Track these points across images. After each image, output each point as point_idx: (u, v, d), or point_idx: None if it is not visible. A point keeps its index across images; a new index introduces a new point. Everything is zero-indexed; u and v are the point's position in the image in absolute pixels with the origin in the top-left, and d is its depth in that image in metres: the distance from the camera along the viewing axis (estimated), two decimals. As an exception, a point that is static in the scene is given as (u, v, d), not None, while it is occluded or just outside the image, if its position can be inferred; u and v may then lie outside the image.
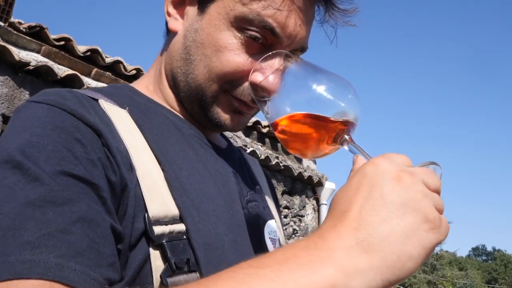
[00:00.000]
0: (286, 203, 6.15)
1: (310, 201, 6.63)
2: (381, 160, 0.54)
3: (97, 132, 0.61)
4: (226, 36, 0.73)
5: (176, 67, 0.78)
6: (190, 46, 0.75)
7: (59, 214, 0.50)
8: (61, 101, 0.62)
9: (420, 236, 0.49)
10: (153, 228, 0.60)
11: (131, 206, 0.59)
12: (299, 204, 6.43)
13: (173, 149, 0.71)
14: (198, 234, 0.64)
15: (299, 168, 6.25)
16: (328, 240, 0.49)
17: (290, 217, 6.22)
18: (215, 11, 0.74)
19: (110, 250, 0.53)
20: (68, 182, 0.54)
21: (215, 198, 0.71)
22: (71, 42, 3.72)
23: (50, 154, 0.55)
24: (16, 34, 3.41)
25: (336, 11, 0.77)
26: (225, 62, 0.73)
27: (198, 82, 0.75)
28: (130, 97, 0.76)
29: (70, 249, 0.49)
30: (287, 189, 6.23)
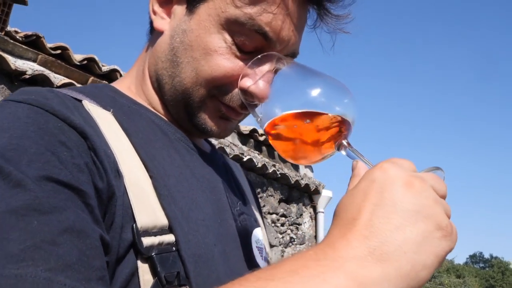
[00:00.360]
0: (283, 211, 6.14)
1: (307, 209, 6.62)
2: (389, 165, 0.51)
3: (83, 134, 0.56)
4: (216, 39, 0.70)
5: (161, 69, 0.74)
6: (178, 48, 0.72)
7: (45, 223, 0.46)
8: (42, 100, 0.57)
9: (433, 244, 0.48)
10: (142, 239, 0.56)
11: (118, 215, 0.56)
12: (296, 212, 6.41)
13: (160, 154, 0.67)
14: (188, 246, 0.60)
15: (296, 176, 6.25)
16: (338, 250, 0.47)
17: (287, 225, 6.21)
18: (205, 12, 0.71)
19: (100, 262, 0.49)
20: (53, 188, 0.49)
21: (204, 207, 0.68)
22: (68, 50, 3.72)
23: (32, 158, 0.50)
24: (13, 43, 3.41)
25: (329, 16, 0.74)
26: (215, 66, 0.70)
27: (185, 86, 0.72)
28: (112, 98, 0.72)
29: (59, 262, 0.45)
30: (284, 197, 6.22)
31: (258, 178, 5.76)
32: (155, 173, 0.62)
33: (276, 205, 6.07)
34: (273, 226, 5.94)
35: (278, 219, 6.07)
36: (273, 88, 0.69)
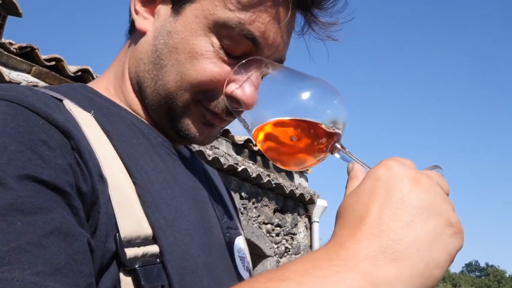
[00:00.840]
0: (278, 221, 6.13)
1: (302, 219, 6.62)
2: (393, 163, 0.50)
3: (66, 134, 0.52)
4: (203, 42, 0.67)
5: (143, 71, 0.70)
6: (162, 50, 0.69)
7: (29, 224, 0.43)
8: (21, 97, 0.53)
9: (445, 242, 0.46)
10: (125, 250, 0.52)
11: (102, 223, 0.52)
12: (291, 222, 6.41)
13: (143, 159, 0.63)
14: (173, 257, 0.57)
15: (290, 186, 6.25)
16: (350, 249, 0.45)
17: (282, 235, 6.20)
18: (192, 13, 0.67)
19: (88, 269, 0.46)
20: (35, 188, 0.45)
21: (187, 215, 0.65)
22: (62, 62, 3.73)
23: (12, 156, 0.46)
24: (7, 55, 3.42)
25: (317, 24, 0.73)
26: (200, 71, 0.67)
27: (169, 90, 0.68)
28: (90, 98, 0.67)
29: (47, 266, 0.42)
30: (278, 207, 6.21)
31: (253, 188, 5.76)
32: (139, 179, 0.59)
33: (271, 215, 6.06)
34: (268, 236, 5.93)
35: (273, 229, 6.06)
36: (261, 93, 0.67)
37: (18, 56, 3.51)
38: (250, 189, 5.70)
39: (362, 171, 0.56)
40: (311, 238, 6.65)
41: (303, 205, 6.67)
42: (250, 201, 5.71)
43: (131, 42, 0.75)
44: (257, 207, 5.82)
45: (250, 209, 5.69)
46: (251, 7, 0.66)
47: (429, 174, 0.50)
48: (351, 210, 0.49)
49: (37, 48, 3.64)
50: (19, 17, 3.73)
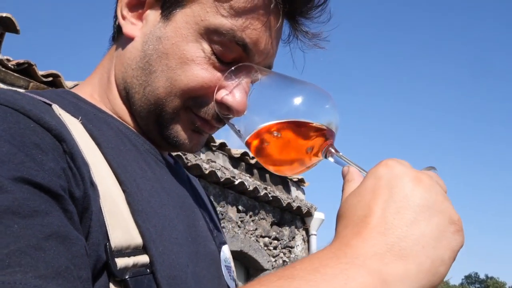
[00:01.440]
0: (275, 234, 6.12)
1: (299, 232, 6.61)
2: (393, 162, 0.51)
3: (58, 137, 0.51)
4: (194, 48, 0.66)
5: (131, 77, 0.69)
6: (151, 55, 0.68)
7: (27, 227, 0.42)
8: (11, 100, 0.51)
9: (448, 239, 0.47)
10: (116, 260, 0.51)
11: (95, 231, 0.51)
12: (289, 235, 6.40)
13: (131, 166, 0.62)
14: (163, 267, 0.56)
15: (287, 199, 6.25)
16: (356, 248, 0.45)
17: (280, 248, 6.18)
18: (182, 19, 0.67)
19: (86, 273, 0.45)
20: (29, 190, 0.44)
21: (176, 224, 0.64)
22: (59, 78, 3.76)
23: (4, 158, 0.45)
24: (4, 71, 3.45)
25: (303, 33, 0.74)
26: (191, 76, 0.66)
27: (158, 96, 0.67)
28: (76, 104, 0.66)
29: (48, 269, 0.41)
30: (276, 220, 6.21)
31: (250, 201, 5.76)
32: (128, 187, 0.58)
33: (268, 228, 6.06)
34: (265, 249, 5.92)
35: (271, 242, 6.05)
36: (253, 99, 0.67)
37: (15, 72, 3.54)
38: (247, 202, 5.71)
39: (358, 174, 0.56)
40: (309, 251, 6.63)
41: (301, 218, 6.66)
42: (247, 214, 5.71)
43: (116, 47, 0.73)
44: (254, 220, 5.82)
45: (247, 222, 5.69)
46: (243, 13, 0.66)
47: (429, 174, 0.51)
48: (353, 210, 0.49)
49: (34, 64, 3.68)
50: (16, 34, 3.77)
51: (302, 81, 0.67)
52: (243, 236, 5.54)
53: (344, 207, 0.51)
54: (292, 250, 6.37)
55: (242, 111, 0.66)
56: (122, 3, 0.71)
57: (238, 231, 5.49)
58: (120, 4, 0.71)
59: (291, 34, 0.75)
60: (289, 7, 0.69)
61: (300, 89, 0.65)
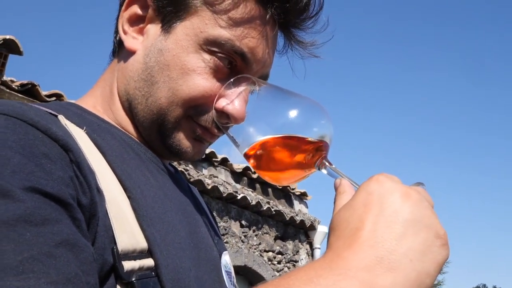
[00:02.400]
0: (279, 249, 6.11)
1: (303, 246, 6.59)
2: (384, 178, 0.53)
3: (65, 147, 0.53)
4: (194, 58, 0.69)
5: (133, 88, 0.72)
6: (153, 67, 0.71)
7: (39, 235, 0.44)
8: (19, 111, 0.53)
9: (434, 253, 0.50)
10: (122, 263, 0.54)
11: (101, 235, 0.53)
12: (293, 249, 6.38)
13: (135, 173, 0.65)
14: (167, 270, 0.59)
15: (290, 213, 6.25)
16: (348, 260, 0.48)
17: (284, 262, 6.16)
18: (183, 31, 0.70)
19: (93, 279, 0.48)
20: (40, 200, 0.47)
21: (179, 229, 0.67)
22: (62, 97, 3.82)
23: (15, 169, 0.47)
24: (9, 92, 3.51)
25: (297, 43, 0.77)
26: (192, 86, 0.69)
27: (161, 106, 0.70)
28: (80, 115, 0.68)
29: (59, 276, 0.43)
30: (279, 234, 6.20)
31: (253, 215, 5.77)
32: (133, 193, 0.61)
33: (272, 242, 6.05)
34: (269, 264, 5.90)
35: (275, 257, 6.04)
36: (251, 111, 0.70)
37: (19, 93, 3.60)
38: (250, 217, 5.71)
39: (349, 186, 0.59)
40: (313, 264, 6.61)
41: (304, 232, 6.65)
42: (251, 229, 5.71)
43: (118, 61, 0.76)
44: (257, 235, 5.81)
45: (250, 237, 5.69)
46: (241, 24, 0.69)
47: (417, 189, 0.53)
48: (345, 222, 0.52)
49: (37, 85, 3.74)
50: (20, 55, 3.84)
51: (298, 95, 0.70)
52: (247, 251, 5.54)
53: (336, 219, 0.54)
54: (296, 264, 6.35)
55: (241, 119, 0.69)
56: (123, 19, 0.74)
57: (242, 246, 5.49)
58: (121, 20, 0.74)
59: (286, 45, 0.78)
60: (284, 18, 0.72)
61: (296, 102, 0.68)
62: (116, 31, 0.77)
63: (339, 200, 0.57)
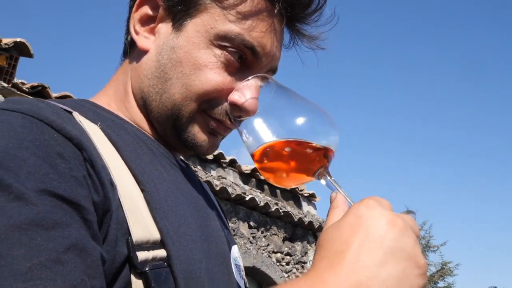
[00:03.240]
0: (287, 250, 6.11)
1: (312, 247, 6.58)
2: (374, 203, 0.55)
3: (79, 145, 0.55)
4: (206, 54, 0.72)
5: (147, 86, 0.74)
6: (166, 65, 0.73)
7: (49, 240, 0.46)
8: (36, 110, 0.56)
9: (411, 281, 0.52)
10: (137, 253, 0.56)
11: (113, 228, 0.55)
12: (301, 251, 6.38)
13: (148, 168, 0.67)
14: (179, 261, 0.61)
15: (299, 214, 6.25)
16: (328, 282, 0.50)
17: (292, 263, 6.16)
18: (193, 28, 0.72)
19: (99, 282, 0.50)
20: (52, 202, 0.49)
21: (190, 222, 0.69)
22: (72, 99, 3.85)
23: (31, 170, 0.49)
24: (19, 94, 3.55)
25: (302, 37, 0.79)
26: (205, 81, 0.71)
27: (175, 101, 0.73)
28: (95, 111, 0.70)
29: (65, 283, 0.45)
30: (288, 236, 6.20)
31: (261, 217, 5.77)
32: (147, 186, 0.63)
33: (280, 243, 6.05)
34: (278, 265, 5.90)
35: (283, 258, 6.04)
36: (263, 112, 0.71)
37: (30, 95, 3.64)
38: (258, 218, 5.72)
39: (344, 202, 0.61)
40: (322, 266, 6.60)
41: (313, 233, 6.64)
42: (259, 230, 5.72)
43: (130, 61, 0.78)
44: (266, 236, 5.82)
45: (259, 238, 5.69)
46: (250, 18, 0.72)
47: (404, 218, 0.55)
48: (332, 242, 0.54)
49: (48, 87, 3.78)
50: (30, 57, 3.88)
51: (308, 101, 0.71)
52: (255, 252, 5.54)
53: (324, 237, 0.56)
54: (305, 266, 6.34)
55: (252, 112, 0.71)
56: (135, 20, 0.76)
57: (250, 247, 5.50)
58: (132, 21, 0.76)
59: (292, 39, 0.80)
60: (291, 12, 0.74)
61: (308, 109, 0.70)
62: (127, 32, 0.79)
63: (331, 215, 0.59)
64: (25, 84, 3.78)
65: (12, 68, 3.71)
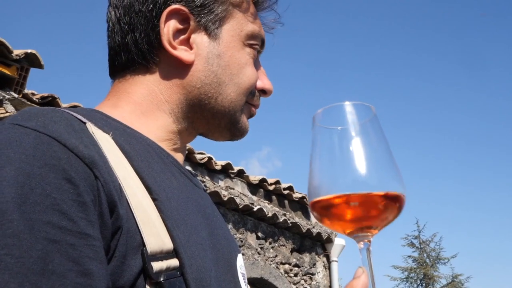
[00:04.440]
0: (295, 261, 6.07)
1: (320, 258, 6.53)
2: None
3: (91, 165, 0.56)
4: (243, 54, 0.82)
5: (197, 94, 0.79)
6: (217, 71, 0.80)
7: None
8: (50, 127, 0.57)
9: None
10: (152, 264, 0.57)
11: (122, 244, 0.56)
12: (309, 262, 6.33)
13: (160, 177, 0.69)
14: (191, 270, 0.62)
15: (307, 225, 6.21)
16: None
17: (301, 275, 6.11)
18: (228, 34, 0.81)
19: None
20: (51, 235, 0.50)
21: (200, 230, 0.70)
22: (81, 110, 3.88)
23: (37, 199, 0.51)
24: (29, 105, 3.59)
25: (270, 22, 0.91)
26: (250, 76, 0.82)
27: (231, 99, 0.81)
28: (105, 121, 0.71)
29: None
30: (296, 247, 6.16)
31: (269, 227, 5.75)
32: (160, 196, 0.65)
33: (289, 255, 6.01)
34: (286, 276, 5.86)
35: (291, 269, 5.99)
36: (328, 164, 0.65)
37: (40, 105, 3.68)
38: (266, 229, 5.70)
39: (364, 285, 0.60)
40: (330, 278, 6.54)
41: (321, 244, 6.60)
42: (267, 241, 5.69)
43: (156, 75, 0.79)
44: (274, 247, 5.79)
45: (267, 249, 5.66)
46: (256, 16, 0.86)
47: None
48: None
49: (58, 97, 3.82)
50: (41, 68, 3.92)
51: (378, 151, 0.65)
52: (263, 263, 5.51)
53: None
54: (313, 277, 6.30)
55: (272, 91, 0.88)
56: (167, 35, 0.77)
57: (258, 258, 5.47)
58: (164, 37, 0.77)
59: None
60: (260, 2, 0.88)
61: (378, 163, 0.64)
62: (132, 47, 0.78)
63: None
64: (35, 94, 3.82)
65: (23, 79, 3.75)
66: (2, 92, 3.50)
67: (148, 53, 0.79)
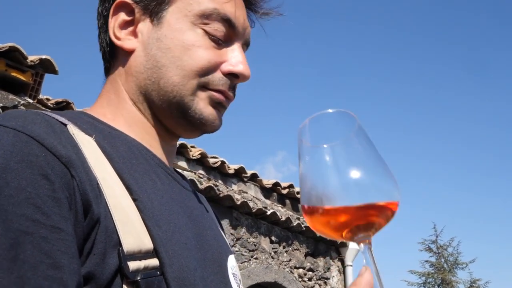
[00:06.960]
0: (310, 265, 6.03)
1: (334, 263, 6.48)
2: None
3: (67, 164, 0.57)
4: (191, 35, 0.76)
5: (143, 80, 0.77)
6: (156, 54, 0.76)
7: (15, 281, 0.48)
8: (29, 127, 0.58)
9: None
10: (128, 263, 0.57)
11: (100, 242, 0.57)
12: (324, 266, 6.28)
13: (142, 178, 0.69)
14: (172, 269, 0.62)
15: (321, 229, 6.17)
16: None
17: (315, 279, 6.07)
18: (172, 17, 0.76)
19: None
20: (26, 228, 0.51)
21: (185, 231, 0.70)
22: (95, 114, 3.92)
23: (12, 193, 0.52)
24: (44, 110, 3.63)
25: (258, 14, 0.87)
26: (198, 58, 0.75)
27: (174, 83, 0.75)
28: (92, 123, 0.72)
29: None
30: (310, 251, 6.12)
31: (283, 231, 5.72)
32: (140, 196, 0.65)
33: (303, 259, 5.97)
34: (300, 281, 5.82)
35: (305, 274, 5.95)
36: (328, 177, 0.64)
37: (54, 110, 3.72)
38: (280, 233, 5.67)
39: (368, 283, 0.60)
40: (345, 282, 6.48)
41: (335, 248, 6.54)
42: (281, 245, 5.66)
43: (117, 69, 0.81)
44: (288, 251, 5.76)
45: (281, 253, 5.63)
46: None
47: None
48: None
49: (72, 103, 3.86)
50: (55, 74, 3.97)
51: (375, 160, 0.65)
52: (277, 267, 5.48)
53: None
54: (327, 282, 6.24)
55: (248, 75, 0.79)
56: (113, 28, 0.79)
57: (272, 262, 5.44)
58: (110, 30, 0.79)
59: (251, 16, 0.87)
60: None
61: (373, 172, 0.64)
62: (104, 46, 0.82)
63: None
64: (50, 100, 3.87)
65: (38, 84, 3.80)
66: (17, 98, 3.54)
67: (110, 51, 0.82)
